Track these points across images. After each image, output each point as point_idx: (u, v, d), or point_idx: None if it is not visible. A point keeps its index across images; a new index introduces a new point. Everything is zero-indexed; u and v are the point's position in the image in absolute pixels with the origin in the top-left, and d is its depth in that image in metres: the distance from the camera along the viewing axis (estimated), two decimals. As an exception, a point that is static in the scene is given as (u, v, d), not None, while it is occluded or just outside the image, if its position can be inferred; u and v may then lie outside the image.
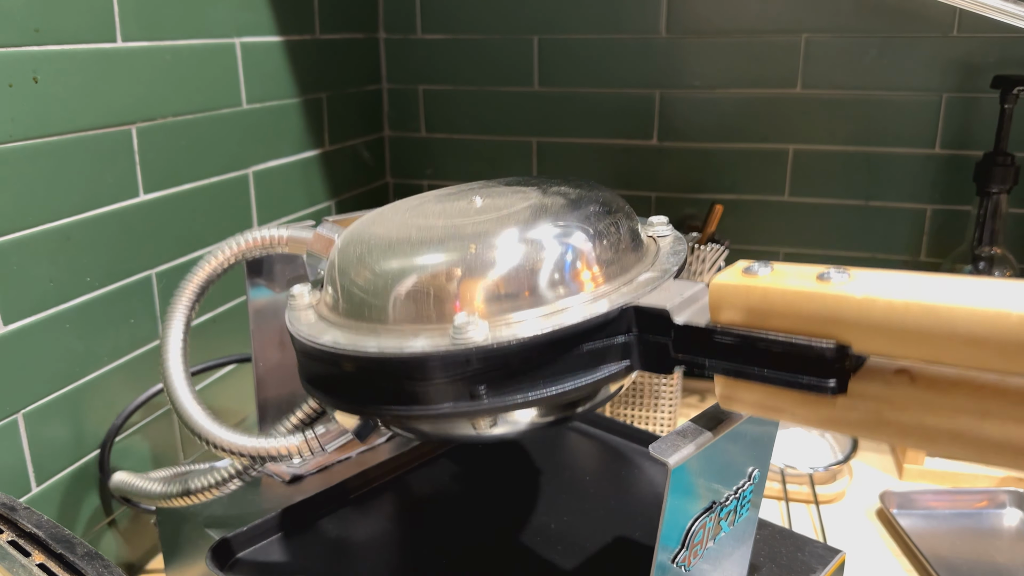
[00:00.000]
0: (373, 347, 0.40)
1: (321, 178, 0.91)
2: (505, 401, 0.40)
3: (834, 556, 0.51)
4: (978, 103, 0.82)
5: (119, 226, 0.64)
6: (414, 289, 0.41)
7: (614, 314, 0.40)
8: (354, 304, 0.43)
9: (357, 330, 0.42)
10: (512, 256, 0.41)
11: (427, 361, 0.39)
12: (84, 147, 0.60)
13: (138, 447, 0.67)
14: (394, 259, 0.42)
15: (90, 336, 0.62)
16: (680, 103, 0.91)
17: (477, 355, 0.39)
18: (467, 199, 0.48)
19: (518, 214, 0.43)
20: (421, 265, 0.41)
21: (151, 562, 0.70)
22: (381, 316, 0.41)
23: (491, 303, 0.40)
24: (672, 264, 0.44)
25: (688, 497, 0.40)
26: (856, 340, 0.33)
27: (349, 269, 0.44)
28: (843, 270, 0.33)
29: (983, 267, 0.78)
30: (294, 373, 0.61)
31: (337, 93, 0.93)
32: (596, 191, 0.47)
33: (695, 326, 0.38)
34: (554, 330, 0.39)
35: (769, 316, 0.35)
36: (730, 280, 0.36)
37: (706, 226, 0.85)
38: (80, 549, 0.37)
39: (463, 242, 0.41)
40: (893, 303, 0.31)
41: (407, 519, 0.56)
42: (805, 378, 0.34)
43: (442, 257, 0.41)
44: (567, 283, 0.41)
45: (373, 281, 0.42)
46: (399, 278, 0.41)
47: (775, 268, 0.35)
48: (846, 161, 0.88)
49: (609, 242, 0.43)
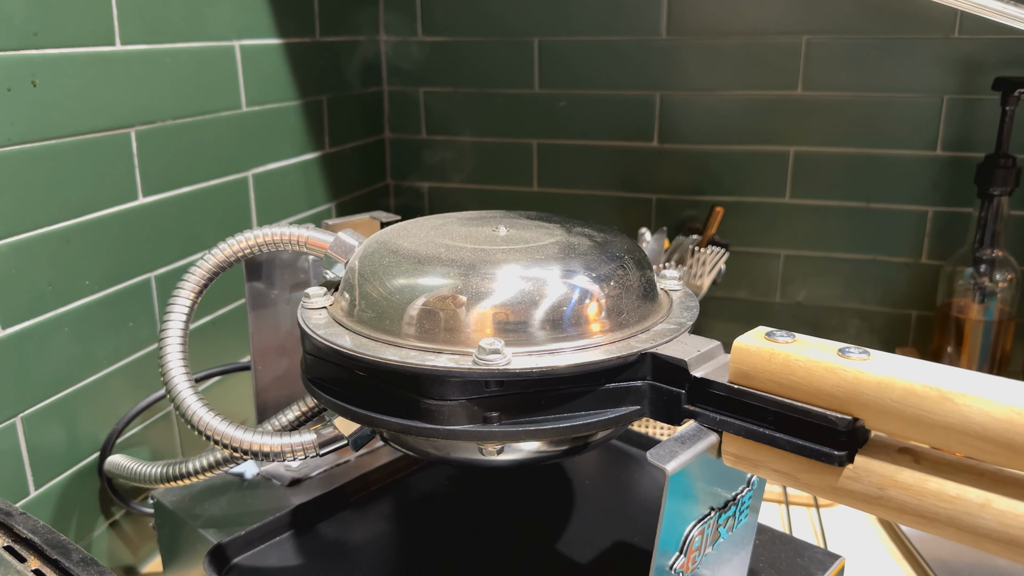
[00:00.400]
0: (394, 357, 0.40)
1: (321, 180, 0.91)
2: (516, 429, 0.40)
3: (834, 561, 0.51)
4: (979, 105, 0.82)
5: (118, 229, 0.64)
6: (439, 308, 0.41)
7: (633, 358, 0.41)
8: (374, 312, 0.43)
9: (374, 338, 0.42)
10: (541, 289, 0.42)
11: (447, 378, 0.39)
12: (83, 150, 0.60)
13: (138, 450, 0.67)
14: (422, 275, 0.43)
15: (89, 339, 0.62)
16: (681, 105, 0.91)
17: (497, 379, 0.39)
18: (491, 226, 0.49)
19: (546, 249, 0.45)
20: (450, 285, 0.42)
21: (149, 565, 0.69)
22: (400, 329, 0.42)
23: (515, 332, 0.41)
24: (687, 319, 0.45)
25: (686, 503, 0.40)
26: (870, 418, 0.35)
27: (373, 277, 0.44)
28: (863, 350, 0.35)
29: (984, 269, 0.78)
30: (293, 378, 0.62)
31: (337, 95, 0.92)
32: (619, 237, 0.48)
33: (713, 381, 0.39)
34: (574, 365, 0.40)
35: (788, 383, 0.37)
36: (753, 343, 0.37)
37: (706, 228, 0.85)
38: (76, 555, 0.37)
39: (493, 268, 0.42)
40: (913, 387, 0.33)
41: (407, 523, 0.56)
42: (814, 446, 0.36)
43: (472, 281, 0.42)
44: (590, 323, 0.42)
45: (398, 293, 0.43)
46: (426, 295, 0.42)
47: (797, 338, 0.37)
48: (847, 163, 0.87)
49: (631, 290, 0.44)
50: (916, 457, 0.36)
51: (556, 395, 0.41)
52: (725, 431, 0.40)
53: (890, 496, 0.36)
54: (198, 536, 0.55)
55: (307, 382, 0.46)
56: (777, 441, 0.38)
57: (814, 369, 0.36)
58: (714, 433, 0.40)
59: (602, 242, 0.46)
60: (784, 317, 0.93)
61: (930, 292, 0.87)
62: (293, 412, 0.51)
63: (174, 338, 0.48)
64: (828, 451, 0.36)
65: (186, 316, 0.49)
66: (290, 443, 0.46)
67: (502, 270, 0.42)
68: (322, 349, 0.43)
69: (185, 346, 0.49)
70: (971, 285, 0.78)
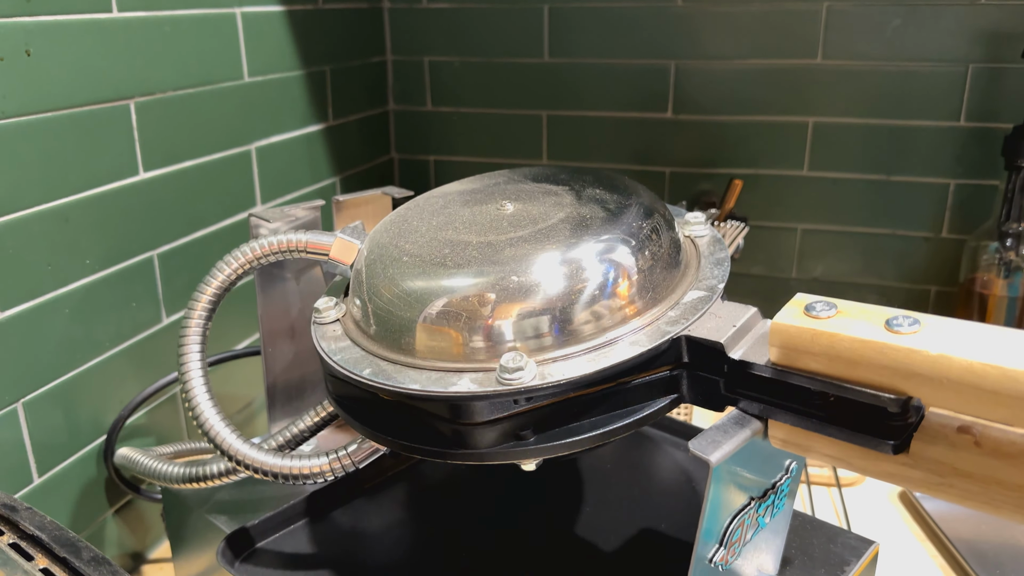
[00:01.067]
0: (414, 385, 0.38)
1: (325, 154, 0.88)
2: (552, 444, 0.38)
3: (868, 547, 0.49)
4: (1006, 74, 0.79)
5: (119, 206, 0.62)
6: (452, 324, 0.39)
7: (664, 346, 0.38)
8: (387, 330, 0.41)
9: (393, 360, 0.40)
10: (555, 287, 0.39)
11: (473, 402, 0.37)
12: (80, 123, 0.58)
13: (143, 433, 0.65)
14: (430, 289, 0.40)
15: (91, 321, 0.60)
16: (696, 74, 0.88)
17: (525, 395, 0.37)
18: (496, 203, 0.45)
19: (556, 230, 0.41)
20: (460, 297, 0.39)
21: (157, 551, 0.68)
22: (416, 349, 0.40)
23: (536, 339, 0.38)
24: (717, 279, 0.42)
25: (727, 494, 0.38)
26: (926, 396, 0.32)
27: (380, 289, 0.42)
28: (912, 318, 0.32)
29: (1010, 244, 0.76)
30: (303, 359, 0.60)
31: (341, 65, 0.89)
32: (633, 194, 0.45)
33: (753, 363, 0.37)
34: (604, 368, 0.38)
35: (833, 363, 0.34)
36: (793, 322, 0.35)
37: (725, 202, 0.83)
38: (86, 553, 0.35)
39: (502, 269, 0.39)
40: (972, 365, 0.30)
41: (423, 510, 0.54)
42: (864, 437, 0.34)
43: (482, 289, 0.39)
44: (614, 312, 0.40)
45: (407, 309, 0.40)
46: (436, 312, 0.39)
47: (840, 309, 0.34)
48: (867, 134, 0.85)
49: (654, 259, 0.41)
50: (976, 440, 0.34)
51: (589, 399, 0.39)
52: (770, 418, 0.38)
53: (952, 483, 0.34)
54: (208, 524, 0.53)
55: (334, 403, 0.44)
56: (826, 429, 0.36)
57: (861, 349, 0.33)
58: (758, 420, 0.38)
59: (615, 208, 0.43)
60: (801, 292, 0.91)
61: (950, 267, 0.86)
62: (309, 419, 0.48)
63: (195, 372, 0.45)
64: (879, 441, 0.34)
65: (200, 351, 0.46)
66: (328, 463, 0.44)
67: (513, 271, 0.39)
68: (342, 377, 0.41)
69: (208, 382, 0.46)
70: (996, 260, 0.76)
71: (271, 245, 0.48)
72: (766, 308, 0.40)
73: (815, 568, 0.47)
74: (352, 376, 0.40)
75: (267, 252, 0.48)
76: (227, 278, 0.48)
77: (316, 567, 0.49)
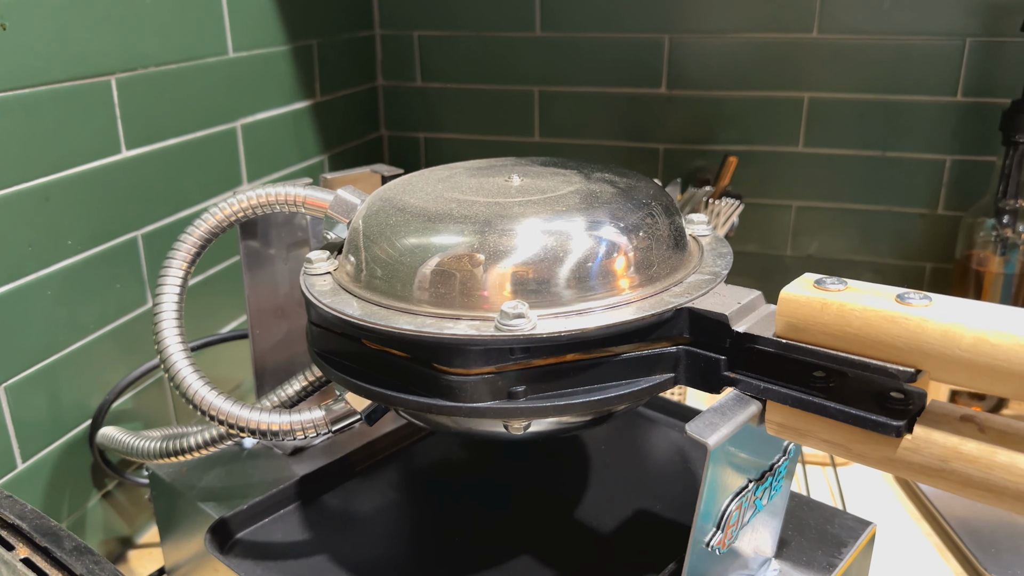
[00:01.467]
0: (408, 326, 0.37)
1: (313, 131, 0.86)
2: (544, 404, 0.37)
3: (865, 528, 0.49)
4: (1004, 48, 0.78)
5: (101, 185, 0.60)
6: (455, 270, 0.38)
7: (668, 314, 0.38)
8: (383, 278, 0.40)
9: (385, 306, 0.39)
10: (565, 244, 0.38)
11: (468, 347, 0.36)
12: (60, 100, 0.56)
13: (129, 417, 0.64)
14: (434, 234, 0.39)
15: (74, 303, 0.59)
16: (691, 49, 0.87)
17: (522, 345, 0.36)
18: (503, 176, 0.45)
19: (566, 199, 0.41)
20: (465, 243, 0.38)
21: (146, 535, 0.67)
22: (413, 295, 0.39)
23: (538, 293, 0.38)
24: (721, 267, 0.42)
25: (725, 477, 0.37)
26: (935, 369, 0.32)
27: (380, 239, 0.41)
28: (924, 294, 0.32)
29: (1007, 220, 0.75)
30: (292, 340, 0.58)
31: (328, 40, 0.88)
32: (642, 182, 0.44)
33: (758, 336, 0.36)
34: (605, 326, 0.37)
35: (842, 335, 0.33)
36: (802, 293, 0.34)
37: (719, 179, 0.81)
38: (68, 543, 0.34)
39: (511, 223, 0.39)
40: (984, 335, 0.29)
41: (416, 492, 0.54)
42: (869, 415, 0.33)
43: (489, 238, 0.38)
44: (620, 278, 0.39)
45: (409, 255, 0.39)
46: (439, 255, 0.38)
47: (849, 284, 0.34)
48: (863, 110, 0.84)
49: (661, 239, 0.41)
50: (981, 426, 0.33)
51: (585, 365, 0.38)
52: (769, 399, 0.37)
53: (953, 469, 0.33)
54: (196, 509, 0.52)
55: (315, 355, 0.43)
56: (828, 410, 0.35)
57: (872, 319, 0.32)
58: (756, 402, 0.37)
59: (626, 188, 0.42)
60: (795, 271, 0.90)
61: (946, 244, 0.85)
62: (297, 383, 0.47)
63: (169, 312, 0.44)
64: (885, 421, 0.34)
65: (180, 288, 0.46)
66: (300, 421, 0.43)
67: (521, 225, 0.38)
68: (329, 319, 0.40)
69: (181, 320, 0.45)
70: (992, 237, 0.76)
71: (268, 196, 0.47)
72: (760, 286, 0.40)
73: (812, 550, 0.47)
74: (340, 315, 0.39)
75: (263, 202, 0.47)
76: (219, 223, 0.47)
77: (307, 551, 0.48)
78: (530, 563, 0.46)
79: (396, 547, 0.49)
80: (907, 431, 0.34)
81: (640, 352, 0.39)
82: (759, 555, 0.44)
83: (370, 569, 0.46)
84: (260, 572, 0.46)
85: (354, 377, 0.40)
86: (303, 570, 0.46)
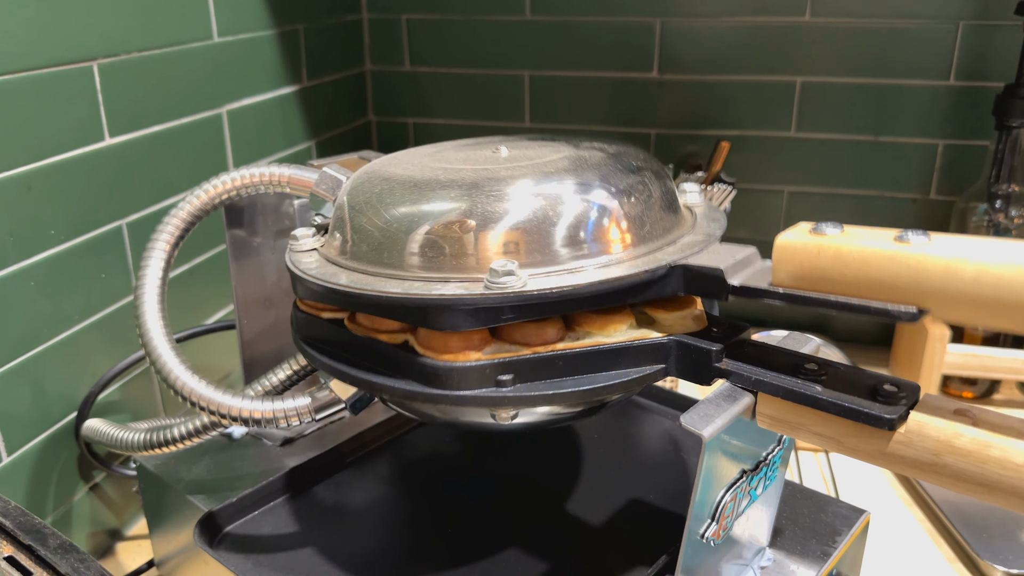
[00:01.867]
0: (396, 289, 0.36)
1: (300, 116, 0.85)
2: (532, 393, 0.36)
3: (859, 517, 0.49)
4: (998, 31, 0.78)
5: (84, 173, 0.59)
6: (443, 233, 0.37)
7: (662, 271, 0.37)
8: (370, 246, 0.39)
9: (373, 274, 0.38)
10: (556, 204, 0.37)
11: (458, 307, 0.35)
12: (41, 86, 0.55)
13: (116, 409, 0.63)
14: (422, 199, 0.38)
15: (58, 294, 0.58)
16: (683, 32, 0.86)
17: (512, 303, 0.35)
18: (490, 148, 0.44)
19: (555, 163, 0.40)
20: (453, 207, 0.37)
21: (135, 527, 0.66)
22: (402, 261, 0.38)
23: (529, 254, 0.37)
24: (715, 230, 0.41)
25: (719, 468, 0.37)
26: (937, 307, 0.31)
27: (367, 208, 0.40)
28: (921, 232, 0.31)
29: (1000, 205, 0.75)
30: (281, 331, 0.58)
31: (315, 24, 0.86)
32: (632, 148, 0.44)
33: (754, 288, 0.35)
34: (598, 282, 0.36)
35: (841, 279, 0.32)
36: (798, 239, 0.33)
37: (712, 164, 0.81)
38: (52, 540, 0.33)
39: (500, 185, 0.38)
40: (986, 268, 0.28)
41: (408, 484, 0.53)
42: (862, 408, 0.33)
43: (477, 200, 0.37)
44: (611, 238, 0.38)
45: (396, 222, 0.38)
46: (427, 220, 0.37)
47: (846, 229, 0.33)
48: (856, 94, 0.83)
49: (653, 200, 0.40)
50: (975, 420, 0.33)
51: (573, 357, 0.37)
52: (761, 391, 0.36)
53: (946, 463, 0.33)
54: (185, 502, 0.52)
55: (298, 341, 0.42)
56: (820, 402, 0.35)
57: (871, 259, 0.31)
58: (748, 394, 0.37)
59: (615, 153, 0.42)
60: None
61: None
62: (284, 371, 0.47)
63: (151, 296, 0.44)
64: (878, 413, 0.33)
65: (163, 271, 0.45)
66: (283, 408, 0.43)
67: (511, 187, 0.38)
68: (317, 292, 0.39)
69: (163, 304, 0.44)
70: (985, 222, 0.75)
71: (252, 176, 0.46)
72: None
73: (806, 538, 0.47)
74: (328, 285, 0.38)
75: (247, 183, 0.46)
76: (204, 204, 0.46)
77: (298, 544, 0.47)
78: (522, 554, 0.46)
79: (388, 539, 0.48)
80: (901, 422, 0.33)
81: (631, 342, 0.38)
82: (753, 544, 0.44)
83: (362, 562, 0.46)
84: (250, 566, 0.46)
85: (339, 364, 0.39)
86: (294, 563, 0.46)
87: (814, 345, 0.40)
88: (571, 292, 0.35)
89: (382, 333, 0.39)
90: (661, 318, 0.39)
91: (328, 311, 0.41)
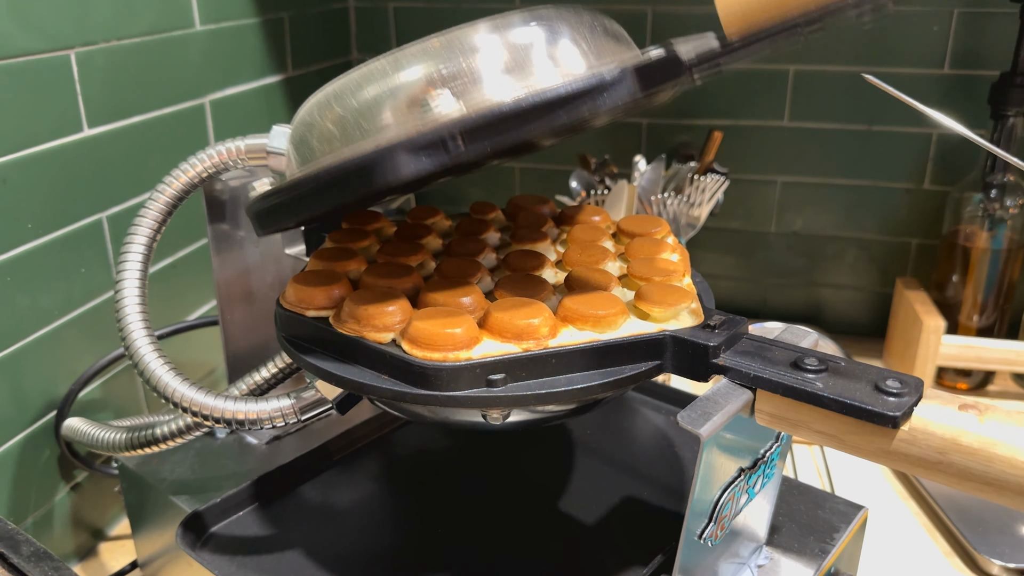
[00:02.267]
0: (329, 159, 0.34)
1: (285, 106, 0.84)
2: (523, 393, 0.35)
3: (857, 513, 0.48)
4: (993, 19, 0.77)
5: (62, 166, 0.57)
6: (378, 96, 0.34)
7: (615, 74, 0.33)
8: (320, 142, 0.36)
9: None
10: (494, 37, 0.35)
11: (396, 152, 0.32)
12: (16, 76, 0.53)
13: (98, 407, 0.62)
14: (363, 79, 0.36)
15: (36, 289, 0.56)
16: (675, 20, 0.85)
17: (454, 130, 0.32)
18: None
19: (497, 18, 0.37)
20: (404, 76, 0.34)
21: (117, 527, 0.65)
22: (349, 136, 0.35)
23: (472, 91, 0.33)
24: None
25: (718, 467, 0.36)
26: None
27: (311, 115, 0.37)
28: None
29: (994, 195, 0.74)
30: (264, 326, 0.56)
31: (300, 12, 0.85)
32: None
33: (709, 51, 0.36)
34: (544, 89, 0.32)
35: None
36: None
37: (704, 155, 0.80)
38: (26, 548, 0.32)
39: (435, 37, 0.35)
40: None
41: (397, 482, 0.52)
42: (865, 405, 0.32)
43: (423, 62, 0.34)
44: (554, 59, 0.35)
45: (339, 105, 0.36)
46: (366, 87, 0.35)
47: None
48: (849, 83, 0.82)
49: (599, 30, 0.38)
50: (981, 416, 0.32)
51: (565, 355, 0.36)
52: (760, 388, 0.35)
53: (952, 461, 0.32)
54: (168, 502, 0.50)
55: (282, 340, 0.41)
56: (822, 400, 0.34)
57: None
58: (747, 391, 0.36)
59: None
60: (779, 247, 0.89)
61: (932, 219, 0.84)
62: (268, 370, 0.46)
63: (131, 292, 0.42)
64: (881, 411, 0.32)
65: (142, 265, 0.43)
66: (267, 409, 0.41)
67: (447, 35, 0.35)
68: (264, 207, 0.38)
69: (144, 299, 0.43)
70: (979, 212, 0.75)
71: (211, 158, 0.45)
72: (745, 263, 0.38)
73: (804, 535, 0.46)
74: (282, 186, 0.36)
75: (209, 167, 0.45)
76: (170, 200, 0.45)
77: (284, 545, 0.46)
78: (513, 555, 0.45)
79: (377, 539, 0.47)
80: (904, 421, 0.32)
81: (625, 338, 0.37)
82: (750, 542, 0.43)
83: (350, 563, 0.45)
84: (235, 568, 0.44)
85: (325, 364, 0.38)
86: (280, 565, 0.45)
87: (813, 339, 0.39)
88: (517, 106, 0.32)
89: (369, 331, 0.37)
90: (656, 312, 0.38)
91: (313, 309, 0.40)
